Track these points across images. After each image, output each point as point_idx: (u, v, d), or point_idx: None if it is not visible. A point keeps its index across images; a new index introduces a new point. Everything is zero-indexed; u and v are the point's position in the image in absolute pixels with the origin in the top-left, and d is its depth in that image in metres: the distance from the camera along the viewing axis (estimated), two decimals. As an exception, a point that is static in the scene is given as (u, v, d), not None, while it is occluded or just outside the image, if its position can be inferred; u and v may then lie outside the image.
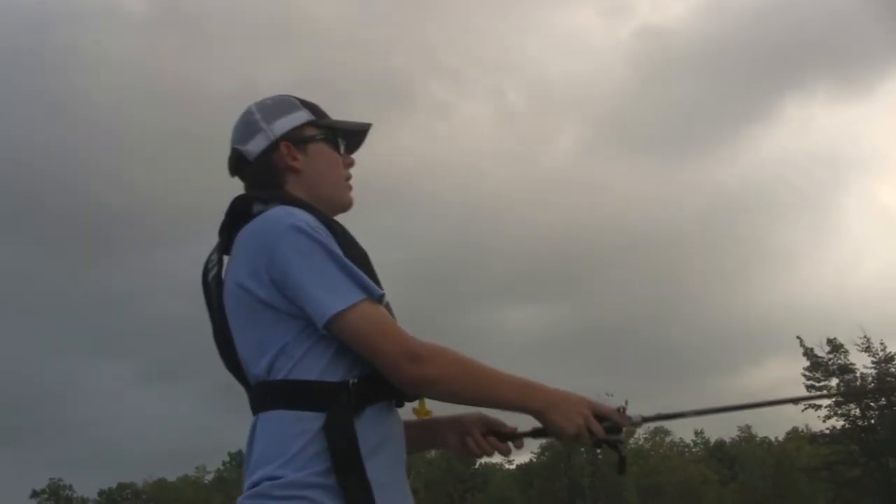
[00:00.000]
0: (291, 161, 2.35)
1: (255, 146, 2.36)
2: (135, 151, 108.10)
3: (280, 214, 2.17)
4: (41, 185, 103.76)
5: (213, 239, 2.36)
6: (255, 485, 2.09)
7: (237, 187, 2.40)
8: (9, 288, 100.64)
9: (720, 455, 62.29)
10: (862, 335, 42.29)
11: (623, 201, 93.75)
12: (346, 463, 2.05)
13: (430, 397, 2.17)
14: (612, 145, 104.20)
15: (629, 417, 2.26)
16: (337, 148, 2.42)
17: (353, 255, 2.18)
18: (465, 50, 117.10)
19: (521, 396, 2.16)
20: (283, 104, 2.41)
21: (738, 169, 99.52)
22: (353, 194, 2.46)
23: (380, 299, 2.13)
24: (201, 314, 2.28)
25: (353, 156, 2.50)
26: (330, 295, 2.08)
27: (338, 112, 2.48)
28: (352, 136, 2.48)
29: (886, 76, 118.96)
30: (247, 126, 2.39)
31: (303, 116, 2.40)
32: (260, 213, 2.23)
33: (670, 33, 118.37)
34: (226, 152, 2.41)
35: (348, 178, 2.45)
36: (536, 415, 2.17)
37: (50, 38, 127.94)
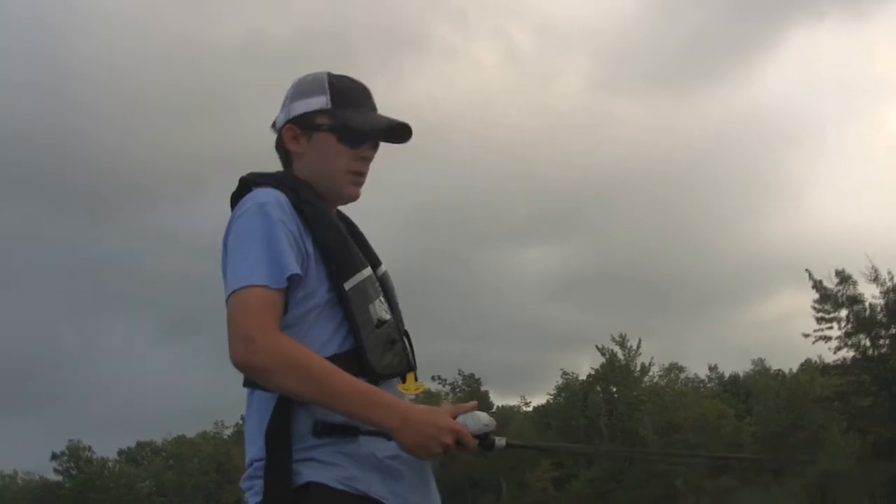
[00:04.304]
0: (293, 145, 2.41)
1: (279, 119, 2.46)
2: (141, 109, 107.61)
3: (254, 196, 2.27)
4: (50, 148, 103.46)
5: (220, 198, 2.46)
6: (249, 465, 2.22)
7: (249, 145, 2.50)
8: (21, 252, 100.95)
9: (734, 389, 62.51)
10: (870, 265, 42.20)
11: (632, 136, 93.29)
12: (273, 443, 2.15)
13: (268, 388, 2.16)
14: (620, 80, 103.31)
15: (494, 440, 2.24)
16: (348, 141, 2.40)
17: (327, 238, 2.26)
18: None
19: (370, 411, 2.13)
20: (312, 85, 2.44)
21: (745, 99, 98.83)
22: (360, 188, 2.45)
23: (289, 282, 2.16)
24: (214, 271, 2.39)
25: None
26: (233, 276, 2.17)
27: (343, 61, 2.51)
28: (378, 132, 2.44)
29: None
30: (285, 97, 2.47)
31: (318, 103, 2.40)
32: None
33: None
34: (235, 109, 2.50)
35: (358, 171, 2.43)
36: (389, 432, 2.15)
37: None
